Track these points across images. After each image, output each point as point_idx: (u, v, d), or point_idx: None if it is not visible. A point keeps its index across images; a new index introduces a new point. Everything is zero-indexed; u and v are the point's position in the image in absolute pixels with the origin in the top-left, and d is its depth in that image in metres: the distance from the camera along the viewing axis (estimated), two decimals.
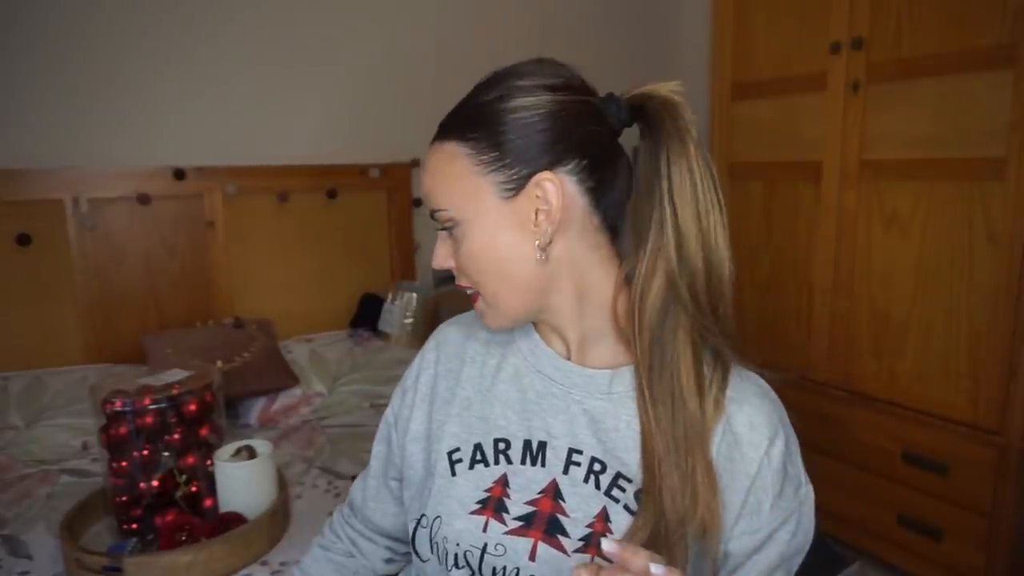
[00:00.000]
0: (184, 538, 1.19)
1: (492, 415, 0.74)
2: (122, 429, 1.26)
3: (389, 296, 2.41)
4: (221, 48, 2.21)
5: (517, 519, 0.68)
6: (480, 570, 0.67)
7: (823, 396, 2.17)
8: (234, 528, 1.20)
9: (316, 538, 0.95)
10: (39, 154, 1.98)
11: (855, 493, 2.08)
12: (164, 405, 1.28)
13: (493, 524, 0.68)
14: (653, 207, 0.65)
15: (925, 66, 1.83)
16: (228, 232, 2.25)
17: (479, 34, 2.62)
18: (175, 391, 1.30)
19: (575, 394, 0.71)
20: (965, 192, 1.78)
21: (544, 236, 0.66)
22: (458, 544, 0.68)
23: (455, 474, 0.72)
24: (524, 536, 0.67)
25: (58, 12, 1.97)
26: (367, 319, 2.42)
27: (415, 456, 0.78)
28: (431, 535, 0.70)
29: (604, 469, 0.68)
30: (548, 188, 0.65)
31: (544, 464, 0.70)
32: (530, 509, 0.68)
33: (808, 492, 0.69)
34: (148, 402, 1.26)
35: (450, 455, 0.73)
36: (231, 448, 1.31)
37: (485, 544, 0.67)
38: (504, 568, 0.66)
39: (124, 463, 1.27)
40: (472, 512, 0.69)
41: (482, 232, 0.67)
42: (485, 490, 0.70)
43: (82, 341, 2.07)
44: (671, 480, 0.62)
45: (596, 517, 0.66)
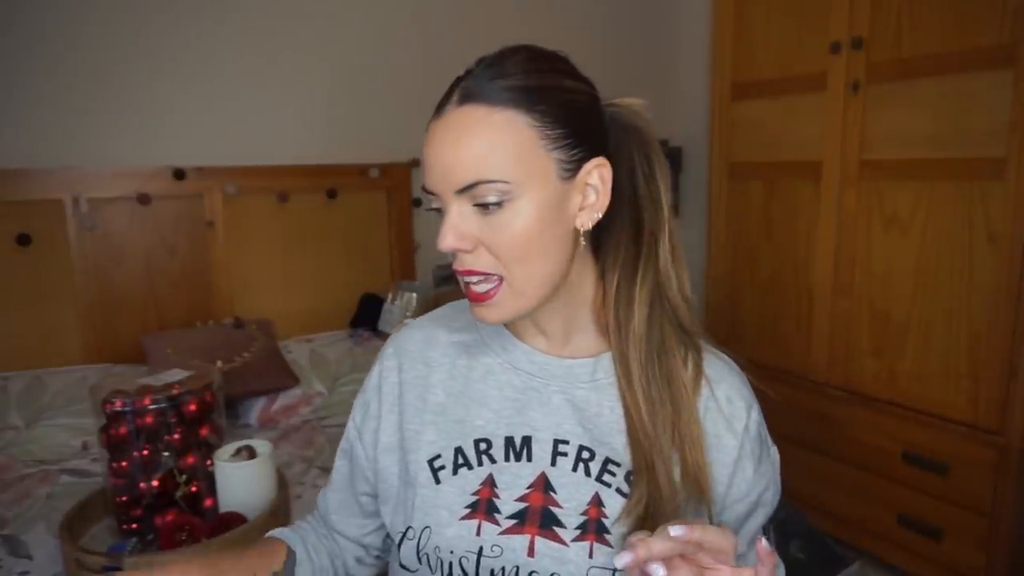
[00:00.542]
0: (184, 538, 1.19)
1: (469, 416, 0.72)
2: (122, 429, 1.26)
3: (389, 296, 2.41)
4: (221, 48, 2.21)
5: (510, 517, 0.67)
6: (478, 574, 0.66)
7: (823, 396, 2.17)
8: (234, 528, 1.20)
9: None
10: (39, 154, 1.98)
11: (855, 493, 2.08)
12: (164, 405, 1.27)
13: (486, 526, 0.67)
14: (636, 208, 0.69)
15: (925, 66, 1.83)
16: (228, 232, 2.25)
17: (479, 34, 2.62)
18: (175, 391, 1.30)
19: (555, 386, 0.71)
20: (965, 192, 1.78)
21: (590, 221, 0.66)
22: (452, 552, 0.67)
23: (439, 482, 0.70)
24: (520, 534, 0.66)
25: (58, 12, 1.97)
26: (367, 319, 2.42)
27: (389, 469, 0.75)
28: (419, 547, 0.68)
29: (593, 456, 0.68)
30: (604, 173, 0.65)
31: (530, 459, 0.69)
32: (521, 505, 0.68)
33: (775, 452, 0.75)
34: (148, 402, 1.26)
35: (431, 463, 0.71)
36: (231, 448, 1.31)
37: (480, 548, 0.66)
38: (503, 569, 0.66)
39: (124, 463, 1.27)
40: (463, 518, 0.68)
41: (536, 210, 0.62)
42: (472, 493, 0.69)
43: (82, 341, 2.07)
44: (662, 455, 0.65)
45: (589, 504, 0.67)
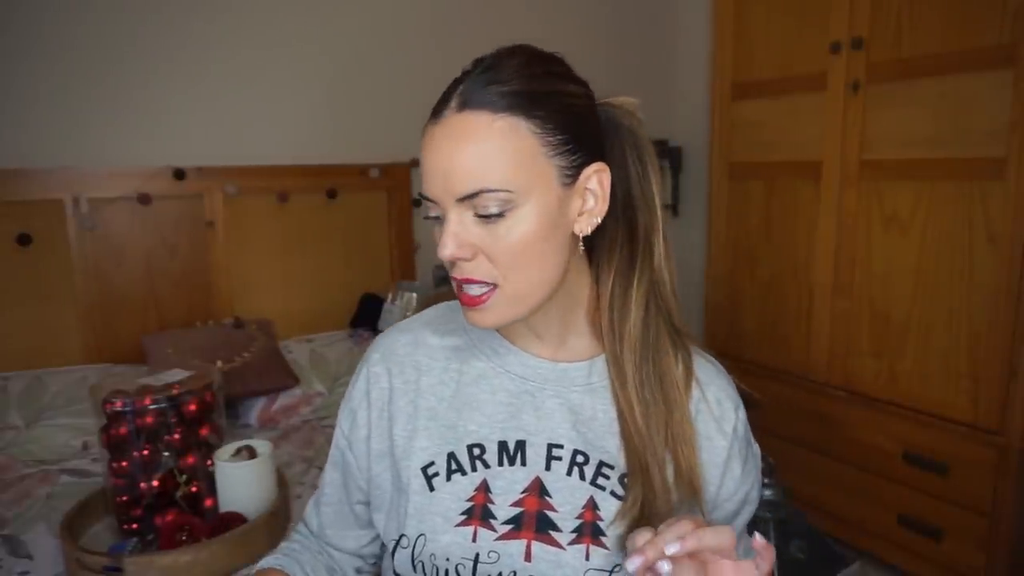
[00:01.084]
0: (184, 538, 1.19)
1: (461, 421, 0.71)
2: (122, 429, 1.26)
3: (389, 296, 2.41)
4: (222, 47, 2.21)
5: (506, 523, 0.67)
6: None
7: (823, 396, 2.17)
8: (234, 528, 1.20)
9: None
10: (39, 154, 1.98)
11: (855, 493, 2.08)
12: (164, 405, 1.28)
13: (482, 532, 0.66)
14: (630, 207, 0.69)
15: (925, 66, 1.83)
16: (228, 232, 2.25)
17: (479, 33, 2.61)
18: (175, 391, 1.30)
19: (549, 390, 0.71)
20: (965, 192, 1.78)
21: (589, 227, 0.66)
22: (448, 559, 0.66)
23: (433, 488, 0.69)
24: (516, 539, 0.66)
25: (57, 12, 1.97)
26: (367, 319, 2.42)
27: (382, 476, 0.74)
28: (413, 554, 0.67)
29: (587, 460, 0.69)
30: (604, 179, 0.65)
31: (525, 463, 0.69)
32: (517, 510, 0.67)
33: (757, 448, 0.77)
34: (148, 402, 1.26)
35: (425, 470, 0.70)
36: (231, 448, 1.31)
37: (477, 554, 0.66)
38: (500, 574, 0.65)
39: (124, 463, 1.27)
40: (458, 524, 0.67)
41: (537, 217, 0.61)
42: (467, 499, 0.68)
43: (82, 341, 2.07)
44: (656, 456, 0.66)
45: (584, 507, 0.67)
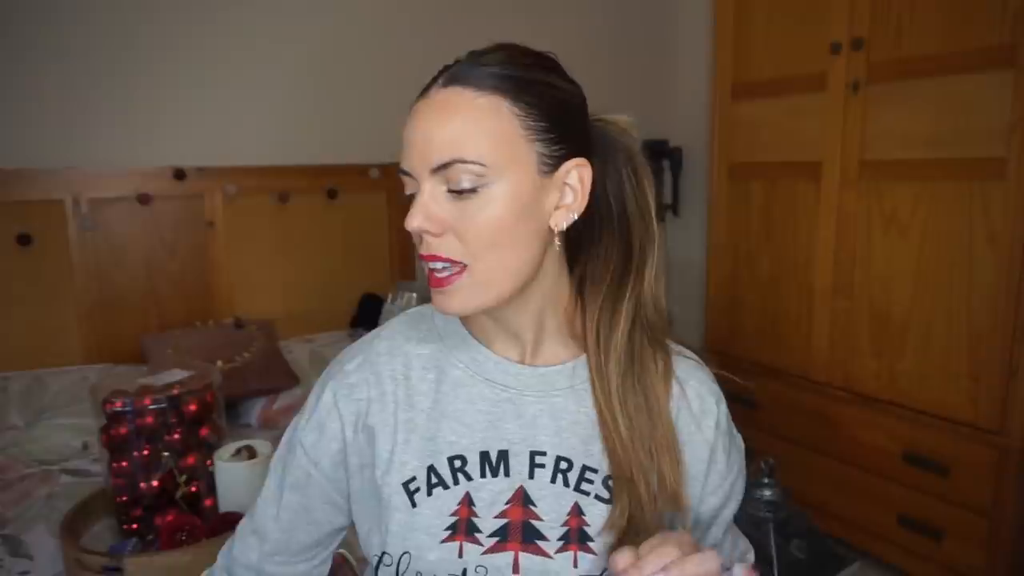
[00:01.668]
0: (184, 538, 1.19)
1: (441, 433, 0.69)
2: (122, 429, 1.26)
3: (389, 296, 2.41)
4: (222, 48, 2.21)
5: (491, 535, 0.66)
6: None
7: (823, 396, 2.17)
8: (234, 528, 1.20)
9: None
10: (39, 154, 1.98)
11: (855, 493, 2.08)
12: (164, 405, 1.27)
13: (468, 547, 0.65)
14: (625, 223, 0.70)
15: (925, 66, 1.83)
16: (228, 232, 2.25)
17: (478, 34, 2.61)
18: (175, 391, 1.30)
19: (530, 396, 0.70)
20: (965, 192, 1.78)
21: (565, 222, 0.65)
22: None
23: (415, 505, 0.67)
24: (503, 551, 0.65)
25: (58, 12, 1.97)
26: (367, 319, 2.41)
27: (363, 488, 0.72)
28: (398, 573, 0.66)
29: (571, 466, 0.68)
30: (584, 174, 0.65)
31: (508, 473, 0.67)
32: (502, 522, 0.66)
33: (740, 440, 0.77)
34: (148, 402, 1.26)
35: (406, 486, 0.67)
36: (231, 448, 1.31)
37: (464, 570, 0.65)
38: None
39: (124, 463, 1.26)
40: (443, 540, 0.65)
41: (511, 199, 0.61)
42: (451, 514, 0.66)
43: (82, 341, 2.07)
44: (641, 467, 0.65)
45: (569, 514, 0.67)
